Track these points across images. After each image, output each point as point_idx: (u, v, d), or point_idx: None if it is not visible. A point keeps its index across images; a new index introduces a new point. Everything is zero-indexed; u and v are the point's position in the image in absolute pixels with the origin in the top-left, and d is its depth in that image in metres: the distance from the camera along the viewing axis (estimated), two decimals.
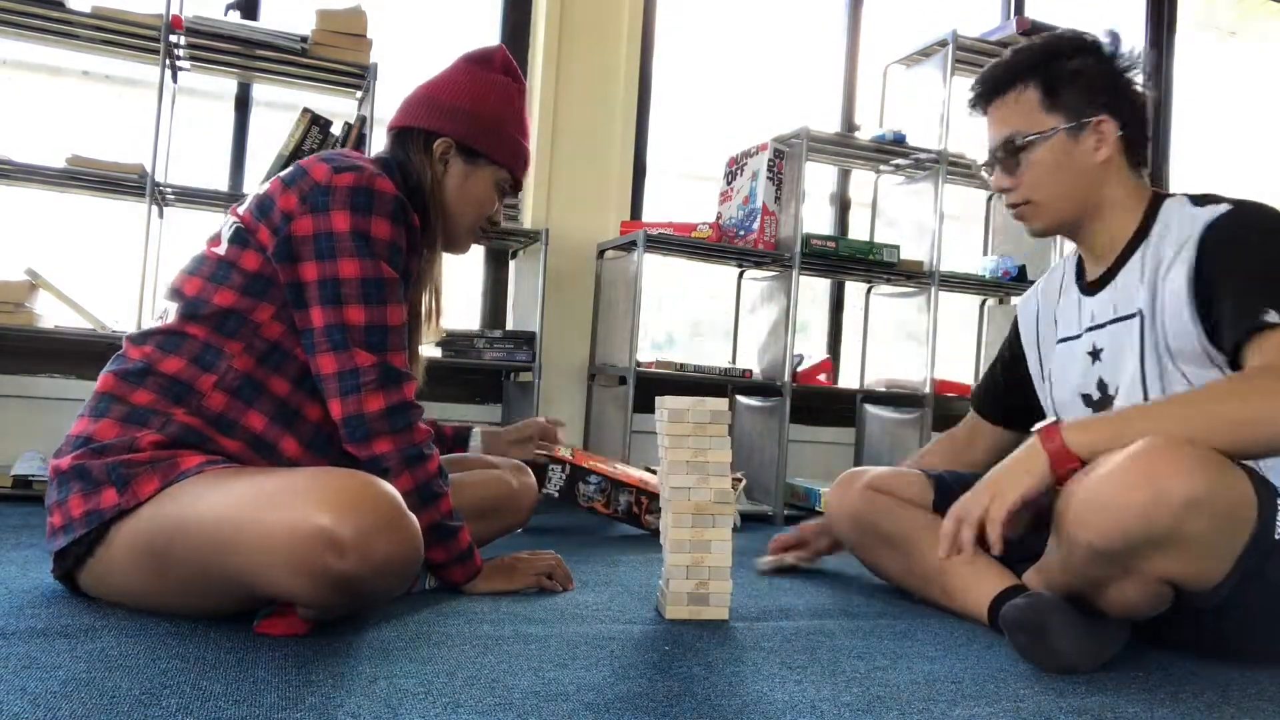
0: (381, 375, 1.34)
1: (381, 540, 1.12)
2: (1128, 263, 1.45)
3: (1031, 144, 1.45)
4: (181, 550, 1.19)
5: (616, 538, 2.30)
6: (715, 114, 3.51)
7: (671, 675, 1.14)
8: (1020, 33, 3.10)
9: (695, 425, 1.42)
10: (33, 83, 2.75)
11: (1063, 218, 1.49)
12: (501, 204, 1.59)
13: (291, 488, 1.15)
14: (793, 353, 2.98)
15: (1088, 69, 1.45)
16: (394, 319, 1.36)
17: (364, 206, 1.33)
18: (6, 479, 2.30)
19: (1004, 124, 1.48)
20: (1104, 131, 1.44)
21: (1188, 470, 1.12)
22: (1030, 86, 1.46)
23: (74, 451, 1.27)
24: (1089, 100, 1.44)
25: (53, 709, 0.90)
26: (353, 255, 1.33)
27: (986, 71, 1.52)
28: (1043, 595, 1.29)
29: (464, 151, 1.51)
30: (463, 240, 1.58)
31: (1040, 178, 1.46)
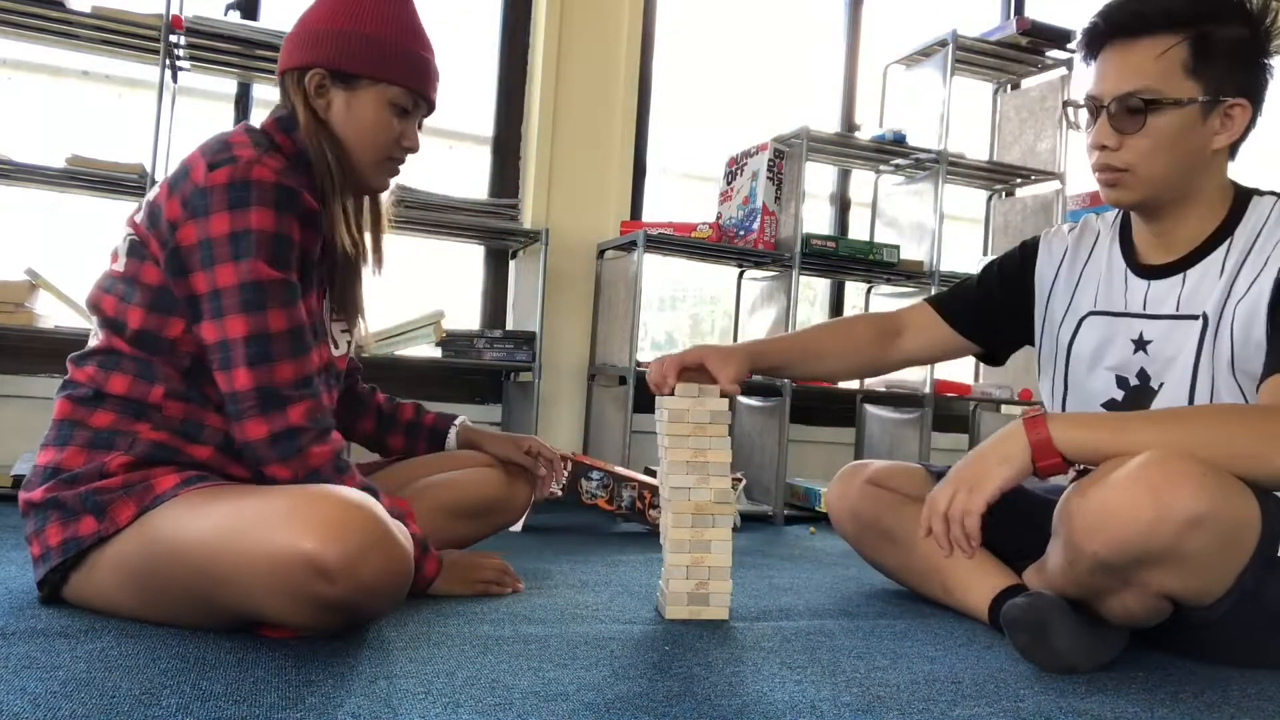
0: (261, 400, 1.23)
1: (370, 564, 1.09)
2: (1204, 260, 1.36)
3: (1162, 108, 1.30)
4: (166, 579, 1.17)
5: (617, 536, 2.30)
6: (715, 114, 3.51)
7: (671, 675, 1.14)
8: (1020, 33, 3.11)
9: (695, 425, 1.42)
10: (33, 83, 2.75)
11: (1156, 196, 1.36)
12: (409, 125, 1.42)
13: (274, 512, 1.10)
14: None
15: (1241, 41, 1.30)
16: (276, 324, 1.24)
17: (239, 201, 1.23)
18: (6, 479, 2.30)
19: (1137, 75, 1.30)
20: (1234, 116, 1.32)
21: (1194, 487, 1.10)
22: (1181, 41, 1.28)
23: (44, 483, 1.24)
24: (1233, 75, 1.30)
25: (53, 709, 0.90)
26: (230, 259, 1.22)
27: (1132, 5, 1.31)
28: (1043, 595, 1.29)
29: (338, 78, 1.37)
30: (371, 177, 1.42)
31: (1155, 148, 1.31)
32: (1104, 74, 1.34)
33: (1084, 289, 1.51)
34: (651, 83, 3.36)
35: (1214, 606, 1.20)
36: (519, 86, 3.20)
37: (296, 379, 1.26)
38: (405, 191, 2.64)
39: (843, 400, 3.47)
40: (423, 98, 1.42)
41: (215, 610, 1.17)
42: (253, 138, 1.31)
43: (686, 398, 1.42)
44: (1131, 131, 1.32)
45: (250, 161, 1.25)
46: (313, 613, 1.10)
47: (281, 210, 1.25)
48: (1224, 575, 1.18)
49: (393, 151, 1.42)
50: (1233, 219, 1.37)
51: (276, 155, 1.30)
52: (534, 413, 2.77)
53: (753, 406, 3.16)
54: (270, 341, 1.24)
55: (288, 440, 1.24)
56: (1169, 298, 1.39)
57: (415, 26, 1.41)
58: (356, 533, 1.09)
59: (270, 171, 1.25)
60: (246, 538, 1.10)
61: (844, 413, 3.47)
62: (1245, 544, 1.17)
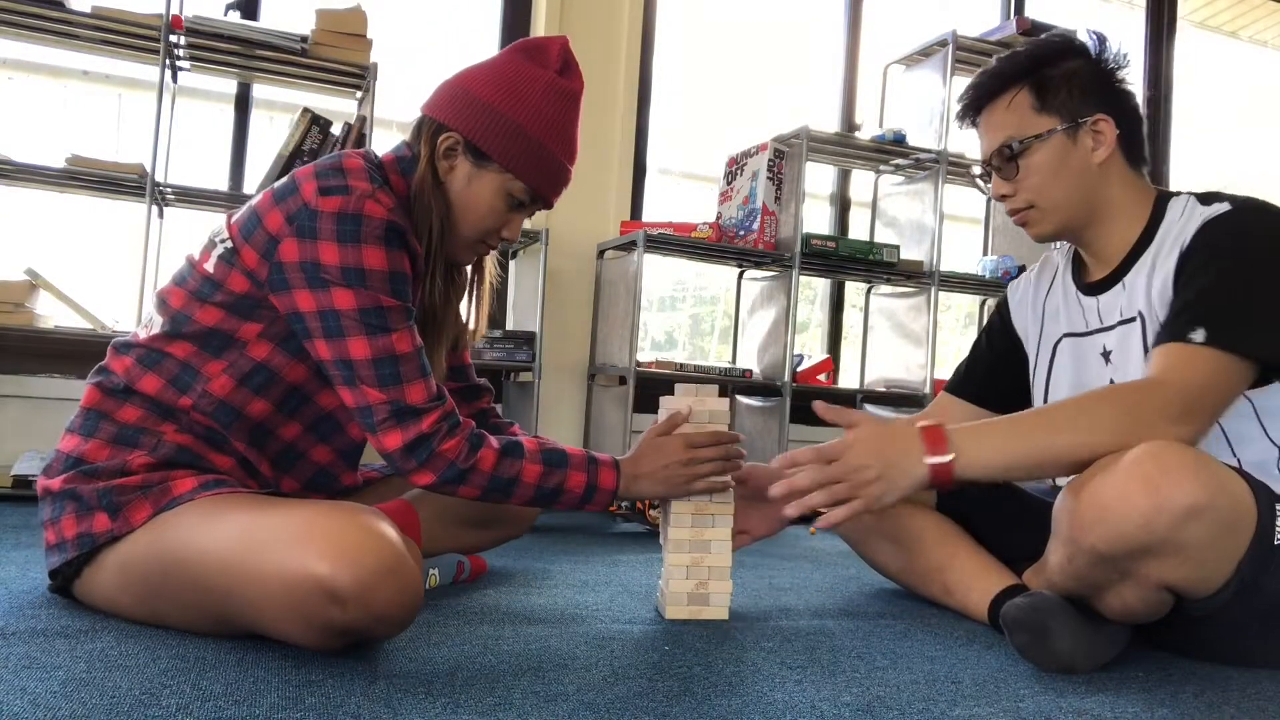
0: (394, 412, 1.25)
1: (382, 590, 1.06)
2: (1134, 265, 1.43)
3: (1028, 147, 1.43)
4: (176, 586, 1.16)
5: (617, 536, 2.30)
6: (715, 114, 3.51)
7: (671, 675, 1.14)
8: (1020, 33, 3.10)
9: (696, 425, 1.41)
10: (33, 83, 2.75)
11: (1067, 221, 1.46)
12: (518, 217, 1.42)
13: (289, 531, 1.09)
14: (793, 353, 2.98)
15: (1078, 70, 1.43)
16: (402, 346, 1.26)
17: (351, 235, 1.23)
18: (6, 479, 2.30)
19: (999, 130, 1.46)
20: (1101, 130, 1.42)
21: (1190, 477, 1.12)
22: (1022, 90, 1.44)
23: (64, 473, 1.24)
24: (1083, 100, 1.42)
25: (53, 709, 0.90)
26: (346, 286, 1.23)
27: (976, 80, 1.50)
28: (1043, 595, 1.29)
29: (471, 151, 1.35)
30: (461, 250, 1.42)
31: (1041, 181, 1.43)
32: (981, 139, 1.51)
33: (1051, 319, 1.58)
34: (651, 83, 3.36)
35: (1213, 597, 1.21)
36: None
37: (428, 396, 1.27)
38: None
39: (843, 400, 3.46)
40: (542, 199, 1.43)
41: (219, 622, 1.16)
42: (368, 168, 1.30)
43: (687, 397, 1.42)
44: (1015, 176, 1.45)
45: (363, 195, 1.24)
46: (323, 636, 1.08)
47: (392, 246, 1.26)
48: (1222, 565, 1.18)
49: (490, 237, 1.42)
50: (1154, 222, 1.43)
51: (388, 193, 1.28)
52: (534, 413, 2.77)
53: (753, 406, 3.16)
54: (398, 362, 1.25)
55: (422, 446, 1.26)
56: (1115, 307, 1.45)
57: (568, 134, 1.40)
58: (371, 557, 1.06)
59: (383, 209, 1.25)
60: (259, 556, 1.08)
61: None
62: (1243, 533, 1.18)
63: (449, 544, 1.61)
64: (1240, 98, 4.40)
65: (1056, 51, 1.45)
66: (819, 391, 3.27)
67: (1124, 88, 1.46)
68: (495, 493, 1.32)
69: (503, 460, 1.31)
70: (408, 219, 1.33)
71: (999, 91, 1.46)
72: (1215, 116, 4.30)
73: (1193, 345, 1.23)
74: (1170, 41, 4.20)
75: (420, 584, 1.14)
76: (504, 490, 1.32)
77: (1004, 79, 1.46)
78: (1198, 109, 4.24)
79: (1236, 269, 1.28)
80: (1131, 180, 1.46)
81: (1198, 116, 4.23)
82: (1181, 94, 4.20)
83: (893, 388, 3.24)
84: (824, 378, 3.24)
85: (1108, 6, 4.16)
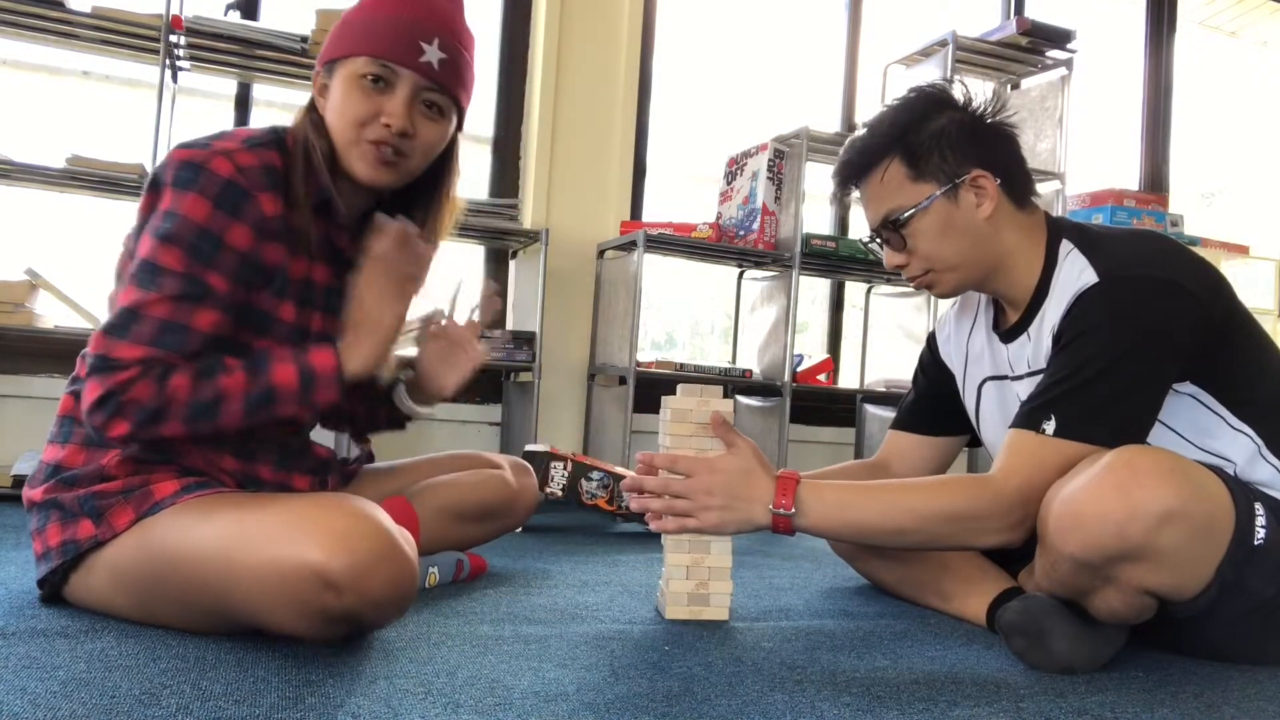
0: (96, 366, 1.16)
1: (377, 575, 1.06)
2: (1035, 316, 1.41)
3: (911, 217, 1.40)
4: (171, 586, 1.16)
5: (617, 536, 2.30)
6: (715, 114, 3.51)
7: (671, 675, 1.14)
8: (1020, 33, 3.10)
9: (699, 425, 1.41)
10: (33, 83, 2.75)
11: (965, 278, 1.44)
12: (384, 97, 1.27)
13: (280, 522, 1.09)
14: (793, 353, 2.98)
15: (946, 127, 1.39)
16: (155, 310, 1.16)
17: (187, 181, 1.18)
18: (6, 479, 2.30)
19: (879, 204, 1.43)
20: (982, 185, 1.39)
21: (1162, 483, 1.13)
22: (893, 161, 1.40)
23: (45, 482, 1.24)
24: (956, 158, 1.38)
25: (53, 709, 0.90)
26: (153, 233, 1.18)
27: (844, 156, 1.46)
28: (1039, 598, 1.29)
29: (326, 69, 1.30)
30: (350, 163, 1.29)
31: (931, 248, 1.41)
32: (865, 212, 1.48)
33: (974, 361, 1.58)
34: (651, 83, 3.36)
35: (1196, 600, 1.21)
36: (519, 86, 3.20)
37: (142, 355, 1.16)
38: None
39: (843, 400, 3.47)
40: (393, 63, 1.25)
41: (216, 618, 1.16)
42: (254, 134, 1.27)
43: (691, 397, 1.42)
44: (905, 247, 1.43)
45: (217, 151, 1.20)
46: (318, 624, 1.08)
47: (220, 206, 1.19)
48: (1202, 568, 1.18)
49: (368, 131, 1.27)
50: (1050, 267, 1.41)
51: (257, 154, 1.23)
52: (534, 412, 2.77)
53: (753, 406, 3.16)
54: (133, 318, 1.17)
55: (110, 399, 1.15)
56: (1023, 358, 1.44)
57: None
58: (364, 543, 1.06)
59: (231, 167, 1.20)
60: (252, 548, 1.08)
61: (844, 413, 3.47)
62: (1220, 536, 1.18)
63: (447, 539, 1.61)
64: (1240, 97, 4.40)
65: (920, 112, 1.41)
66: (819, 391, 3.27)
67: (999, 132, 1.43)
68: (200, 419, 1.18)
69: (199, 383, 1.18)
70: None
71: (869, 167, 1.42)
72: (1215, 116, 4.30)
73: (1043, 436, 1.27)
74: (1170, 41, 4.20)
75: (415, 569, 1.14)
76: (208, 413, 1.18)
77: (871, 154, 1.42)
78: (1197, 109, 4.24)
79: (1094, 356, 1.26)
80: (1023, 223, 1.43)
81: (1197, 116, 4.23)
82: (1182, 94, 4.20)
83: (893, 388, 3.24)
84: (824, 378, 3.24)
85: (1108, 6, 4.16)
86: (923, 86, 1.46)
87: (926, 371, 1.69)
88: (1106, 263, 1.32)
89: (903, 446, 1.69)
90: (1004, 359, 1.49)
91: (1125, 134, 4.15)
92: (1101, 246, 1.35)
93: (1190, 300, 1.27)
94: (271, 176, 1.24)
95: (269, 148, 1.25)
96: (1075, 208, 3.54)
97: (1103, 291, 1.29)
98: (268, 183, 1.23)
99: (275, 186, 1.24)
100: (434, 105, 1.31)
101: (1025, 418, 1.30)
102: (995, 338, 1.51)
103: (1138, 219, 3.51)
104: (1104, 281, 1.30)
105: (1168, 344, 1.26)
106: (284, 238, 1.27)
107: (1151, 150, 4.17)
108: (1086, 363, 1.27)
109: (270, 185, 1.24)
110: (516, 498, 1.68)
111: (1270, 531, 1.20)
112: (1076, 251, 1.37)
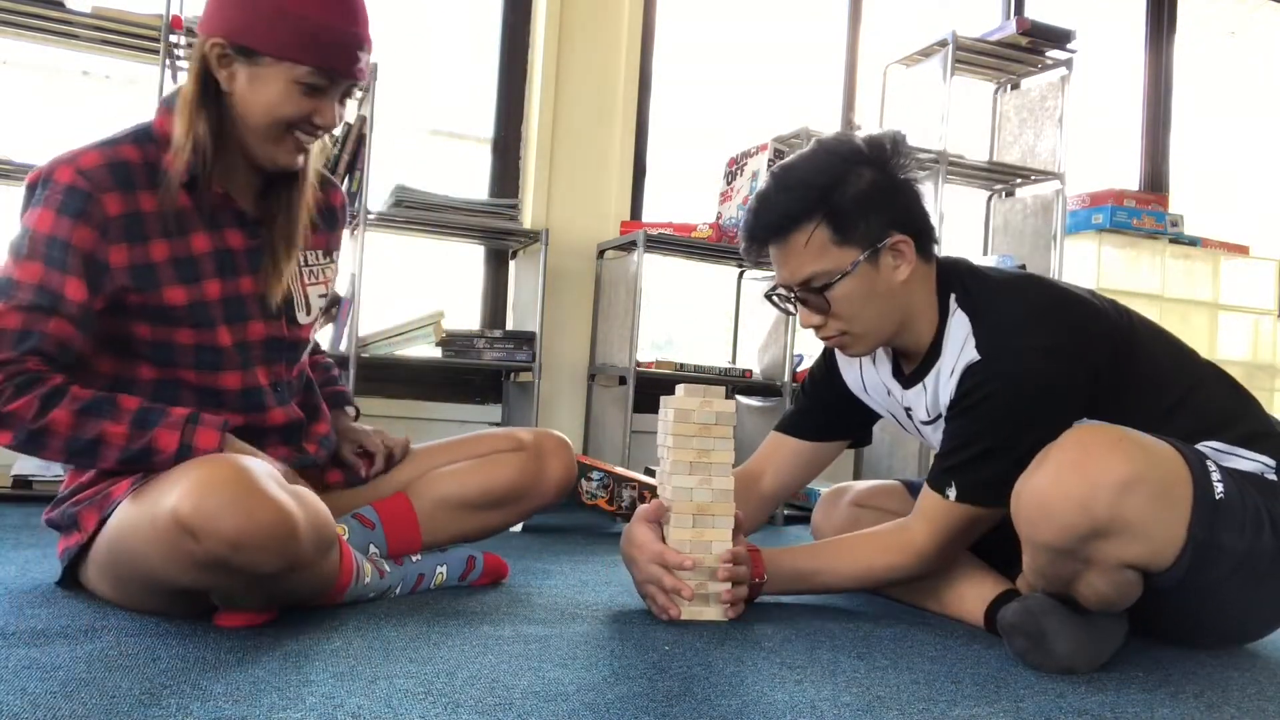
0: None
1: (227, 518, 1.09)
2: (931, 369, 1.45)
3: (833, 284, 1.39)
4: (121, 568, 1.26)
5: (617, 536, 2.30)
6: (715, 114, 3.51)
7: (671, 675, 1.14)
8: (1020, 33, 3.10)
9: (701, 425, 1.41)
10: (33, 83, 2.75)
11: (880, 338, 1.46)
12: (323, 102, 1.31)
13: (167, 481, 1.16)
14: (793, 353, 2.98)
15: (867, 190, 1.38)
16: (5, 321, 1.21)
17: (36, 200, 1.25)
18: (6, 479, 2.30)
19: (799, 266, 1.40)
20: (901, 250, 1.40)
21: (1113, 452, 1.16)
22: (818, 226, 1.38)
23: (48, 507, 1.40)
24: (878, 223, 1.38)
25: (53, 709, 0.90)
26: (8, 253, 1.25)
27: (760, 216, 1.41)
28: (1037, 598, 1.30)
29: (240, 52, 1.27)
30: (263, 153, 1.33)
31: (852, 310, 1.41)
32: (778, 268, 1.45)
33: (874, 388, 1.60)
34: (651, 83, 3.36)
35: (1176, 565, 1.21)
36: (519, 86, 3.20)
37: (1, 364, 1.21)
38: (405, 192, 2.64)
39: None
40: (339, 75, 1.30)
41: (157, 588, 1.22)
42: (111, 135, 1.31)
43: (693, 397, 1.42)
44: (824, 310, 1.43)
45: (58, 161, 1.26)
46: (196, 572, 1.13)
47: (65, 213, 1.23)
48: (1171, 531, 1.19)
49: (300, 126, 1.31)
50: (943, 322, 1.45)
51: (110, 150, 1.28)
52: (534, 413, 2.77)
53: (753, 407, 3.16)
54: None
55: None
56: (922, 405, 1.50)
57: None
58: (216, 489, 1.11)
59: (71, 172, 1.24)
60: (144, 509, 1.17)
61: None
62: (1181, 496, 1.20)
63: (456, 530, 1.57)
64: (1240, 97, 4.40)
65: (839, 173, 1.39)
66: None
67: (911, 188, 1.43)
68: (78, 456, 1.25)
69: (80, 419, 1.22)
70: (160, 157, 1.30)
71: (790, 230, 1.39)
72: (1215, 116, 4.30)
73: (947, 501, 1.40)
74: (1170, 41, 4.20)
75: (277, 514, 1.12)
76: (86, 453, 1.24)
77: (793, 217, 1.39)
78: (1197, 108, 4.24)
79: (983, 430, 1.37)
80: (926, 275, 1.46)
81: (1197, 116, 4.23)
82: (1181, 94, 4.20)
83: None
84: None
85: (1108, 6, 4.16)
86: (832, 142, 1.44)
87: (819, 384, 1.69)
88: (986, 337, 1.38)
89: (782, 451, 1.68)
90: (908, 400, 1.53)
91: (1125, 134, 4.15)
92: (981, 313, 1.40)
93: (1069, 361, 1.35)
94: (120, 172, 1.27)
95: (119, 144, 1.30)
96: (1075, 207, 3.54)
97: (985, 369, 1.37)
98: (117, 179, 1.27)
99: (128, 181, 1.28)
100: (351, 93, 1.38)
101: (933, 480, 1.42)
102: (895, 382, 1.55)
103: (1137, 219, 3.51)
104: (985, 360, 1.37)
105: (1053, 406, 1.34)
106: (164, 224, 1.30)
107: (1151, 150, 4.17)
108: (977, 435, 1.37)
109: (120, 181, 1.27)
110: (535, 478, 1.60)
111: (1227, 486, 1.23)
112: (961, 313, 1.42)
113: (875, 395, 1.61)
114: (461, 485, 1.57)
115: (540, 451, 1.61)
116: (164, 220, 1.31)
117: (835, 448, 1.70)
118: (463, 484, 1.57)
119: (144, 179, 1.29)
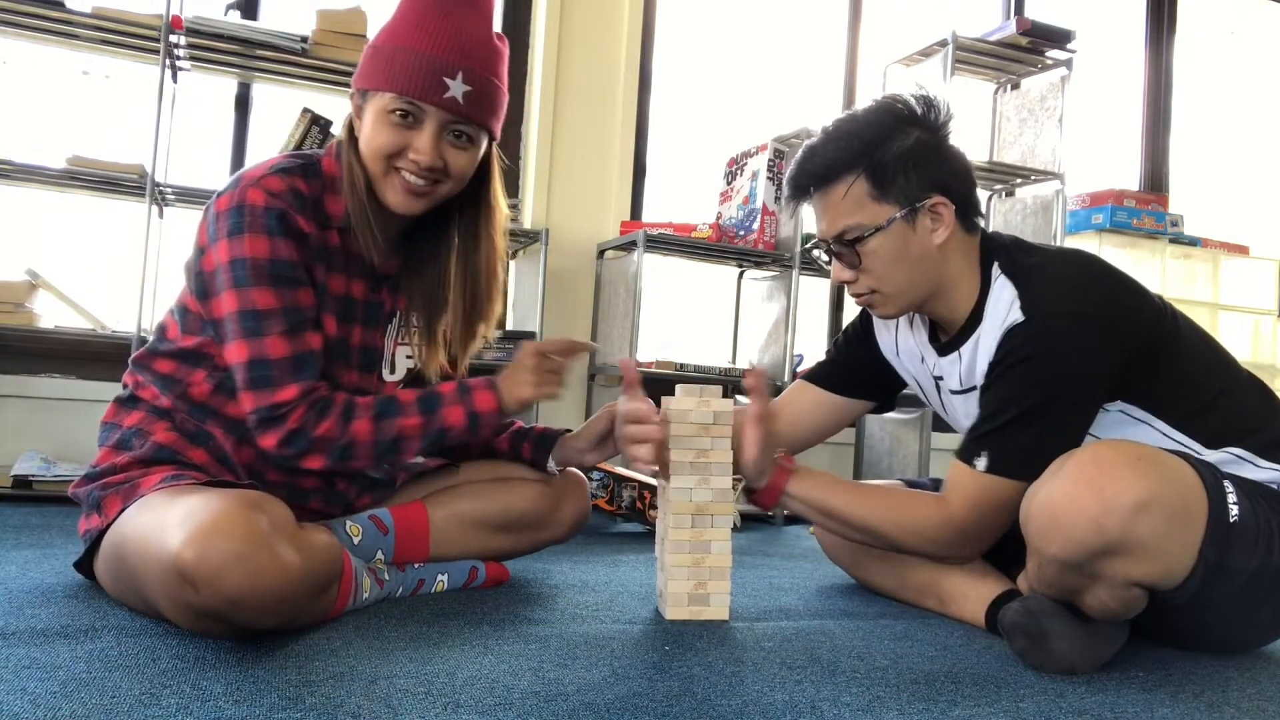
0: (262, 419, 1.29)
1: (231, 574, 1.04)
2: (971, 336, 1.44)
3: (867, 238, 1.39)
4: (122, 571, 1.25)
5: (617, 536, 2.30)
6: (715, 114, 3.51)
7: (671, 675, 1.14)
8: (1020, 33, 3.10)
9: (699, 426, 1.41)
10: (33, 83, 2.75)
11: (911, 301, 1.46)
12: (413, 133, 1.30)
13: (177, 517, 1.11)
14: (793, 353, 2.98)
15: (911, 148, 1.39)
16: (274, 350, 1.27)
17: (236, 228, 1.27)
18: (6, 479, 2.30)
19: (836, 217, 1.41)
20: (940, 213, 1.40)
21: (1131, 473, 1.14)
22: (858, 178, 1.39)
23: (77, 480, 1.37)
24: (919, 183, 1.39)
25: (53, 709, 0.90)
26: (231, 287, 1.27)
27: (805, 165, 1.43)
28: (1038, 598, 1.30)
29: (361, 95, 1.34)
30: (382, 191, 1.34)
31: (884, 268, 1.41)
32: (817, 219, 1.47)
33: (907, 354, 1.60)
34: (651, 83, 3.36)
35: (1184, 586, 1.21)
36: (519, 86, 3.20)
37: (297, 394, 1.29)
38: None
39: None
40: (419, 100, 1.28)
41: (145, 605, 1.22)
42: (280, 162, 1.34)
43: (690, 397, 1.42)
44: (855, 265, 1.43)
45: (246, 185, 1.28)
46: (191, 619, 1.10)
47: (275, 234, 1.28)
48: (1183, 554, 1.19)
49: (398, 163, 1.31)
50: (982, 295, 1.43)
51: (285, 178, 1.30)
52: (534, 413, 2.77)
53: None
54: (269, 367, 1.28)
55: (297, 439, 1.29)
56: (956, 375, 1.49)
57: (429, 26, 1.28)
58: (220, 541, 1.05)
59: (263, 195, 1.27)
60: (152, 538, 1.13)
61: None
62: (1195, 518, 1.19)
63: (464, 547, 1.55)
64: (1240, 97, 4.40)
65: (887, 130, 1.40)
66: None
67: (954, 150, 1.44)
68: (386, 455, 1.34)
69: (379, 425, 1.33)
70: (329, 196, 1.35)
71: (832, 180, 1.41)
72: (1215, 116, 4.30)
73: (975, 471, 1.36)
74: (1170, 41, 4.20)
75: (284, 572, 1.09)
76: (391, 450, 1.34)
77: (836, 167, 1.40)
78: (1197, 108, 4.24)
79: (1020, 395, 1.34)
80: (967, 246, 1.45)
81: (1197, 116, 4.23)
82: (1181, 94, 4.20)
83: None
84: None
85: (1108, 6, 4.16)
86: (887, 100, 1.45)
87: (853, 342, 1.69)
88: (1031, 298, 1.36)
89: (804, 399, 1.69)
90: (941, 369, 1.52)
91: (1125, 134, 4.15)
92: (1027, 277, 1.39)
93: (1112, 332, 1.33)
94: (298, 200, 1.31)
95: (293, 174, 1.32)
96: (1075, 207, 3.55)
97: (1028, 330, 1.34)
98: (296, 205, 1.30)
99: (303, 209, 1.31)
100: (463, 134, 1.34)
101: (963, 450, 1.40)
102: (931, 349, 1.54)
103: (1137, 219, 3.51)
104: (1029, 321, 1.34)
105: (1090, 378, 1.33)
106: (320, 255, 1.35)
107: (1151, 150, 4.17)
108: (1013, 401, 1.34)
109: (299, 208, 1.31)
110: (553, 509, 1.60)
111: (1243, 507, 1.22)
112: (1005, 279, 1.40)
113: (907, 361, 1.60)
114: (482, 504, 1.55)
115: (563, 485, 1.62)
116: (321, 249, 1.36)
117: (855, 408, 1.69)
118: (483, 503, 1.55)
119: (311, 211, 1.33)
